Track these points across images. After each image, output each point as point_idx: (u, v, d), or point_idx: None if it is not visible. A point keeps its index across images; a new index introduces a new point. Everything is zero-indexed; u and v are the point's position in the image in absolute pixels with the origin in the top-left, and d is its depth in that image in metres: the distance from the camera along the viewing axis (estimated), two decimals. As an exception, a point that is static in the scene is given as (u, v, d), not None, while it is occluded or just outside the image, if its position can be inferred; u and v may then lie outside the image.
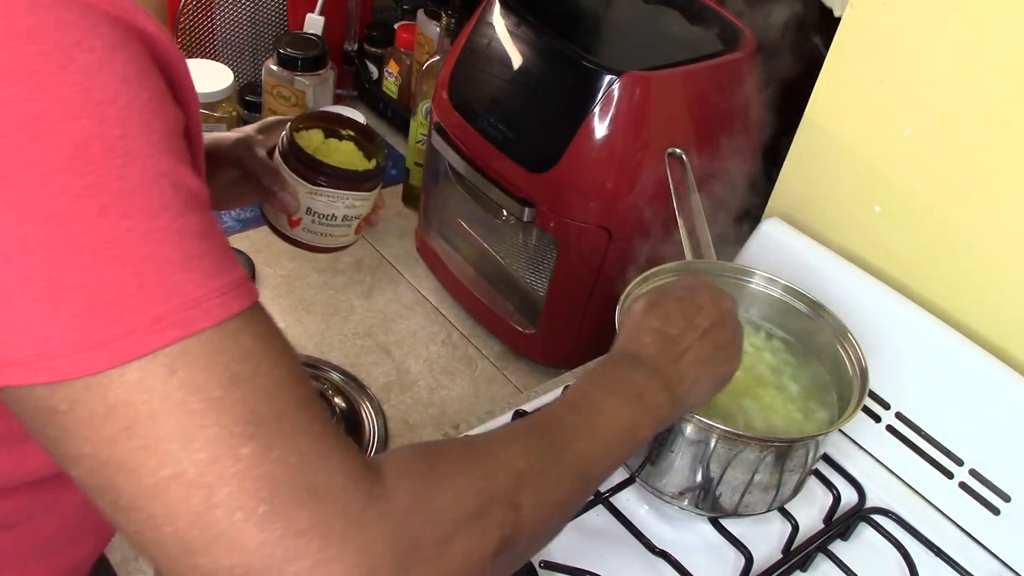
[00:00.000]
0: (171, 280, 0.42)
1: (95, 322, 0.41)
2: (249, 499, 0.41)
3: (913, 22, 0.84)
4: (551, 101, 0.98)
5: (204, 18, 1.36)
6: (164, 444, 0.41)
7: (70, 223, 0.40)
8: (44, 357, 0.41)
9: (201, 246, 0.43)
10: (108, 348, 0.41)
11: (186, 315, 0.42)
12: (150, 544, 0.43)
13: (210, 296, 0.43)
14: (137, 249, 0.41)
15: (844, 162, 0.93)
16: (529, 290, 1.13)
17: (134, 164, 0.42)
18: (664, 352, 0.68)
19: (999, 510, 0.84)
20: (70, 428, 0.42)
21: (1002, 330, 0.86)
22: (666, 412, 0.66)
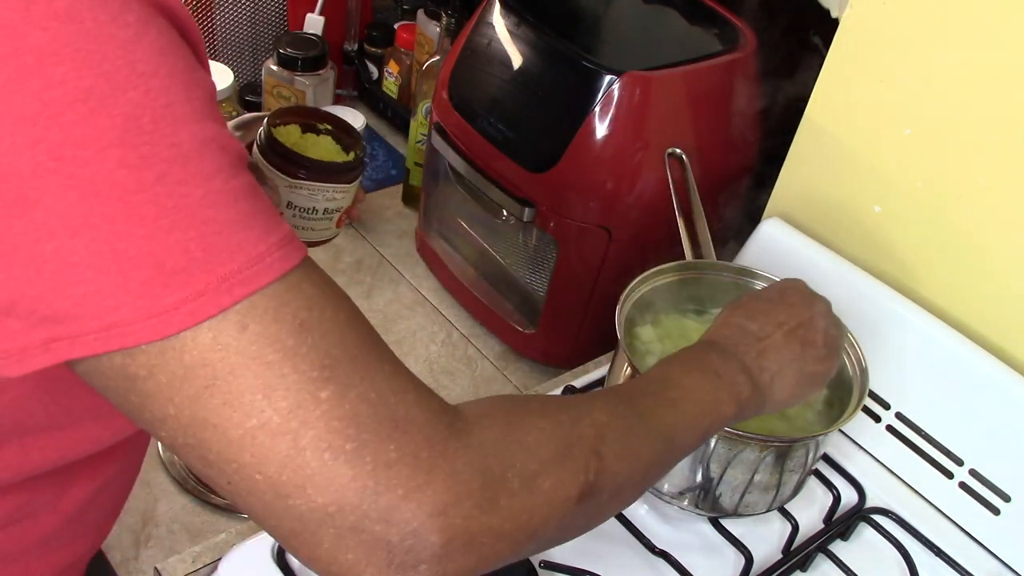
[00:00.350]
0: (232, 240, 0.43)
1: (164, 287, 0.42)
2: (336, 438, 0.43)
3: (913, 22, 0.84)
4: (551, 101, 0.98)
5: (204, 18, 1.36)
6: (246, 396, 0.42)
7: (130, 194, 0.41)
8: (117, 325, 0.42)
9: (254, 204, 0.45)
10: (180, 311, 0.42)
11: (250, 272, 0.43)
12: (243, 493, 0.44)
13: (270, 251, 0.44)
14: (196, 213, 0.42)
15: (844, 162, 0.93)
16: (529, 290, 1.13)
17: (183, 131, 0.43)
18: (743, 343, 0.69)
19: (999, 510, 0.84)
20: (152, 392, 0.43)
21: (1002, 330, 0.86)
22: (747, 395, 0.66)
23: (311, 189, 0.79)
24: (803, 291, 0.75)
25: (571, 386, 0.90)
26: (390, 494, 0.43)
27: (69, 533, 0.64)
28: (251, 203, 0.45)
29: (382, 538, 0.44)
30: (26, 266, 0.41)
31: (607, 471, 0.52)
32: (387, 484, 0.43)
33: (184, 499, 0.91)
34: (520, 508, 0.47)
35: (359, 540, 0.44)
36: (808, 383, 0.71)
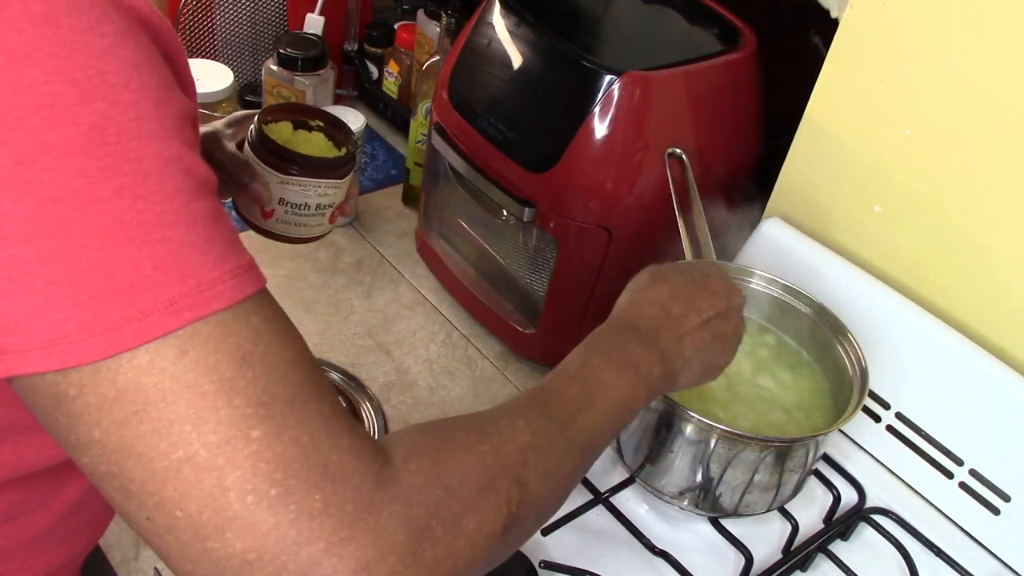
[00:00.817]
0: (186, 263, 0.42)
1: (112, 303, 0.41)
2: (261, 481, 0.41)
3: (913, 22, 0.84)
4: (551, 101, 0.98)
5: (204, 18, 1.36)
6: (176, 426, 0.41)
7: (87, 204, 0.41)
8: (59, 342, 0.41)
9: (213, 230, 0.44)
10: (124, 330, 0.41)
11: (200, 297, 0.42)
12: (161, 531, 0.43)
13: (223, 279, 0.43)
14: (152, 231, 0.42)
15: (844, 162, 0.93)
16: (529, 290, 1.12)
17: (147, 147, 0.42)
18: (664, 328, 0.68)
19: (999, 510, 0.84)
20: (80, 414, 0.42)
21: (1002, 330, 0.86)
22: (658, 386, 0.66)
23: (303, 185, 0.79)
24: (725, 280, 0.75)
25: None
26: (311, 547, 0.42)
27: (64, 531, 0.64)
28: (210, 228, 0.44)
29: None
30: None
31: (529, 497, 0.52)
32: (309, 536, 0.42)
33: (184, 499, 0.91)
34: (444, 555, 0.46)
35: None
36: (708, 373, 0.72)
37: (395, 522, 0.44)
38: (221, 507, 0.41)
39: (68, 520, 0.64)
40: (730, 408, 0.82)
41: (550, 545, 0.78)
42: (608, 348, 0.66)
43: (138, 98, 0.42)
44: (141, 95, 0.43)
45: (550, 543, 0.78)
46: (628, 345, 0.66)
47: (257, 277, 0.45)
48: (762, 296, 0.90)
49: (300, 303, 1.16)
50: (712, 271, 0.75)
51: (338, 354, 1.09)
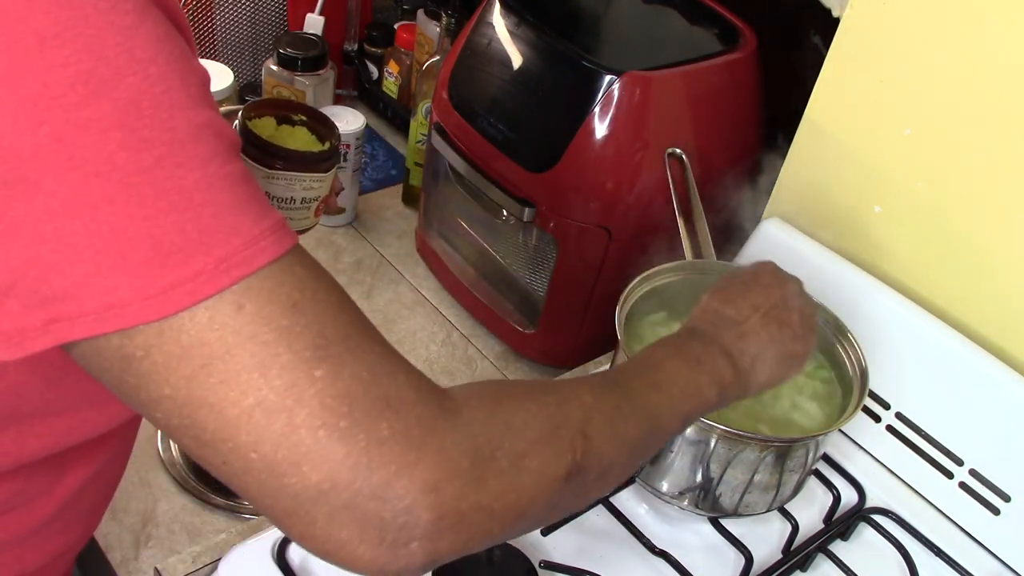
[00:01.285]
0: (228, 223, 0.44)
1: (162, 268, 0.42)
2: (329, 416, 0.43)
3: (913, 22, 0.84)
4: (551, 101, 0.98)
5: (204, 18, 1.36)
6: (243, 375, 0.43)
7: (130, 176, 0.42)
8: (115, 306, 0.42)
9: (248, 190, 0.46)
10: (177, 292, 0.42)
11: (246, 254, 0.44)
12: (239, 473, 0.45)
13: (264, 235, 0.45)
14: (193, 196, 0.43)
15: (844, 162, 0.93)
16: (529, 290, 1.13)
17: (180, 116, 0.44)
18: (723, 328, 0.69)
19: (999, 510, 0.84)
20: (148, 373, 0.44)
21: (1002, 330, 0.86)
22: (729, 379, 0.67)
23: (288, 179, 0.80)
24: (775, 272, 0.75)
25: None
26: (383, 471, 0.44)
27: (63, 521, 0.65)
28: (245, 189, 0.45)
29: (375, 515, 0.44)
30: (26, 247, 0.42)
31: (594, 451, 0.53)
32: (380, 461, 0.44)
33: (184, 499, 0.91)
34: (508, 487, 0.48)
35: (352, 518, 0.44)
36: (788, 363, 0.72)
37: (459, 448, 0.46)
38: (294, 444, 0.43)
39: (66, 510, 0.64)
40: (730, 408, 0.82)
41: (550, 545, 0.78)
42: (668, 346, 0.68)
43: (165, 70, 0.44)
44: (167, 67, 0.44)
45: (550, 543, 0.78)
46: (688, 343, 0.68)
47: (291, 232, 0.47)
48: (762, 296, 0.90)
49: (300, 303, 1.15)
50: (760, 267, 0.76)
51: (338, 354, 1.08)
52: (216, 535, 0.76)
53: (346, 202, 1.27)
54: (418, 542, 0.45)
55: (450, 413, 0.47)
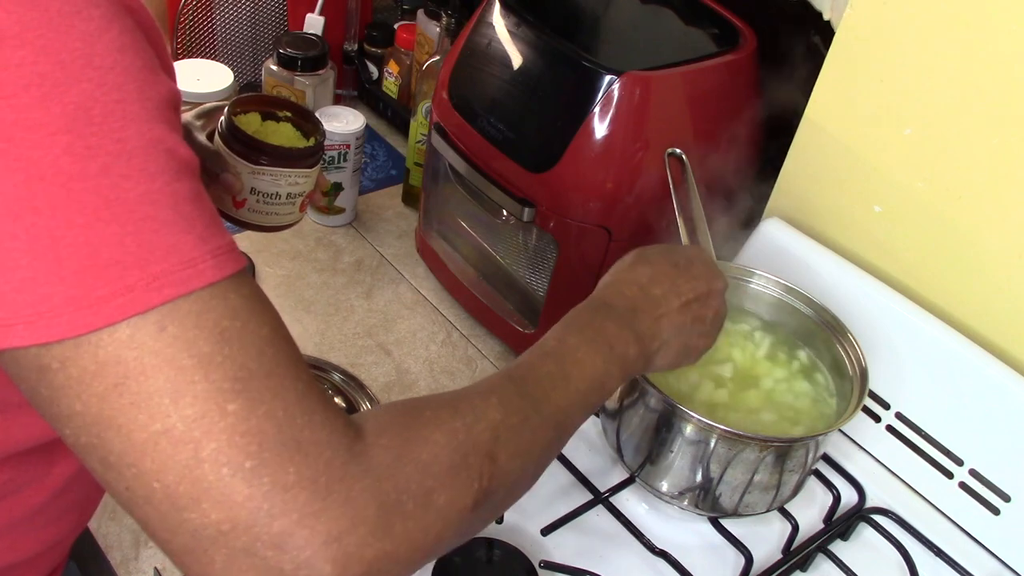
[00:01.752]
0: (168, 240, 0.43)
1: (96, 279, 0.42)
2: (236, 454, 0.42)
3: (913, 22, 0.84)
4: (551, 101, 0.97)
5: (204, 18, 1.36)
6: (154, 399, 0.42)
7: (73, 182, 0.42)
8: (44, 315, 0.41)
9: (195, 210, 0.45)
10: (108, 305, 0.42)
11: (182, 275, 0.43)
12: (140, 501, 0.44)
13: (204, 258, 0.44)
14: (136, 208, 0.43)
15: (844, 162, 0.93)
16: (529, 290, 1.12)
17: (131, 127, 0.43)
18: (642, 309, 0.69)
19: (999, 510, 0.84)
20: (61, 386, 0.43)
21: (1002, 330, 0.86)
22: (633, 366, 0.67)
23: (273, 175, 0.80)
24: (708, 265, 0.75)
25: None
26: (284, 518, 0.43)
27: (55, 509, 0.65)
28: (192, 208, 0.45)
29: (274, 566, 0.43)
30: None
31: (501, 472, 0.52)
32: (282, 508, 0.43)
33: (184, 499, 0.91)
34: (415, 529, 0.47)
35: (251, 564, 0.43)
36: (687, 356, 0.72)
37: (366, 495, 0.45)
38: (197, 478, 0.42)
39: (58, 499, 0.65)
40: (730, 407, 0.82)
41: (550, 545, 0.78)
42: (584, 326, 0.67)
43: (123, 80, 0.43)
44: (126, 78, 0.44)
45: (550, 543, 0.78)
46: (604, 324, 0.66)
47: (237, 258, 0.46)
48: (762, 296, 0.90)
49: (300, 303, 1.16)
50: (696, 255, 0.75)
51: (338, 354, 1.09)
52: (216, 535, 0.76)
53: (346, 202, 1.27)
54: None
55: (359, 457, 0.46)
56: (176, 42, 1.36)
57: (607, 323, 0.67)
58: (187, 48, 1.37)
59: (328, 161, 1.22)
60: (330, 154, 1.21)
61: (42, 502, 0.63)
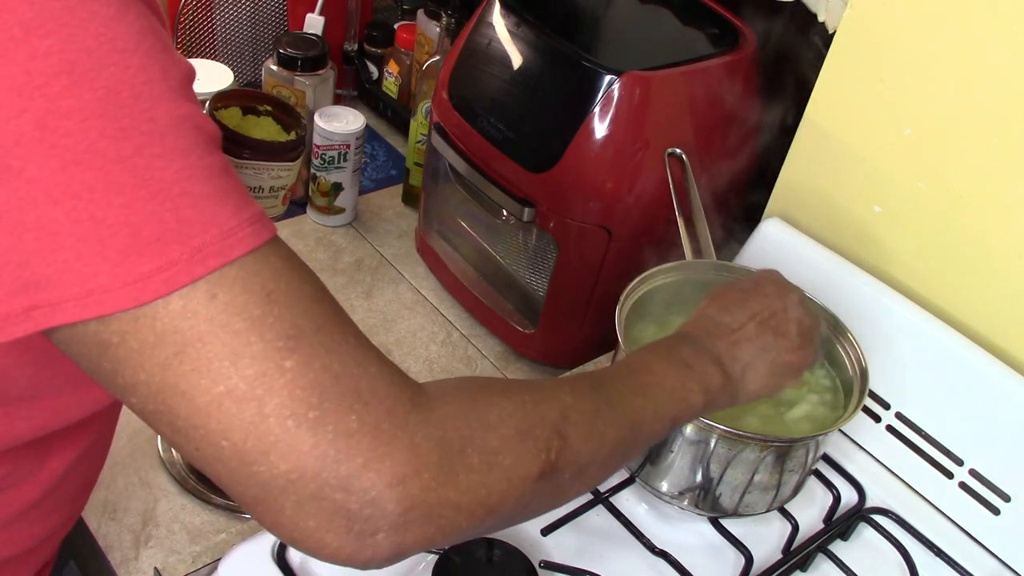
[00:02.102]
0: (206, 213, 0.45)
1: (140, 256, 0.43)
2: (299, 406, 0.44)
3: (913, 22, 0.84)
4: (551, 101, 0.98)
5: (204, 18, 1.36)
6: (214, 363, 0.44)
7: (110, 164, 0.43)
8: (94, 292, 0.43)
9: (228, 182, 0.46)
10: (154, 279, 0.43)
11: (222, 245, 0.45)
12: (210, 460, 0.45)
13: (241, 226, 0.45)
14: (172, 186, 0.44)
15: (844, 162, 0.93)
16: (529, 290, 1.13)
17: (160, 108, 0.45)
18: (716, 335, 0.70)
19: (999, 510, 0.84)
20: (123, 359, 0.44)
21: (1002, 330, 0.86)
22: (718, 385, 0.67)
23: (256, 168, 0.81)
24: (777, 281, 0.76)
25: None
26: (350, 463, 0.45)
27: (48, 504, 0.66)
28: (224, 180, 0.46)
29: (342, 506, 0.45)
30: (9, 234, 0.43)
31: (569, 451, 0.53)
32: (347, 453, 0.45)
33: (184, 499, 0.91)
34: (478, 483, 0.48)
35: (319, 507, 0.45)
36: (782, 373, 0.72)
37: (429, 442, 0.47)
38: (263, 433, 0.44)
39: (52, 493, 0.65)
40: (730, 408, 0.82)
41: (550, 545, 0.78)
42: (658, 349, 0.68)
43: (146, 62, 0.45)
44: (148, 59, 0.45)
45: (550, 543, 0.78)
46: (678, 347, 0.68)
47: (270, 224, 0.47)
48: (762, 296, 0.90)
49: (300, 303, 1.15)
50: (763, 276, 0.76)
51: (338, 354, 1.09)
52: (216, 535, 0.76)
53: (346, 202, 1.27)
54: (384, 533, 0.46)
55: (422, 407, 0.48)
56: (176, 42, 1.36)
57: (681, 346, 0.68)
58: (187, 48, 1.37)
59: (328, 161, 1.22)
60: (330, 154, 1.21)
61: (36, 497, 0.64)
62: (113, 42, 0.44)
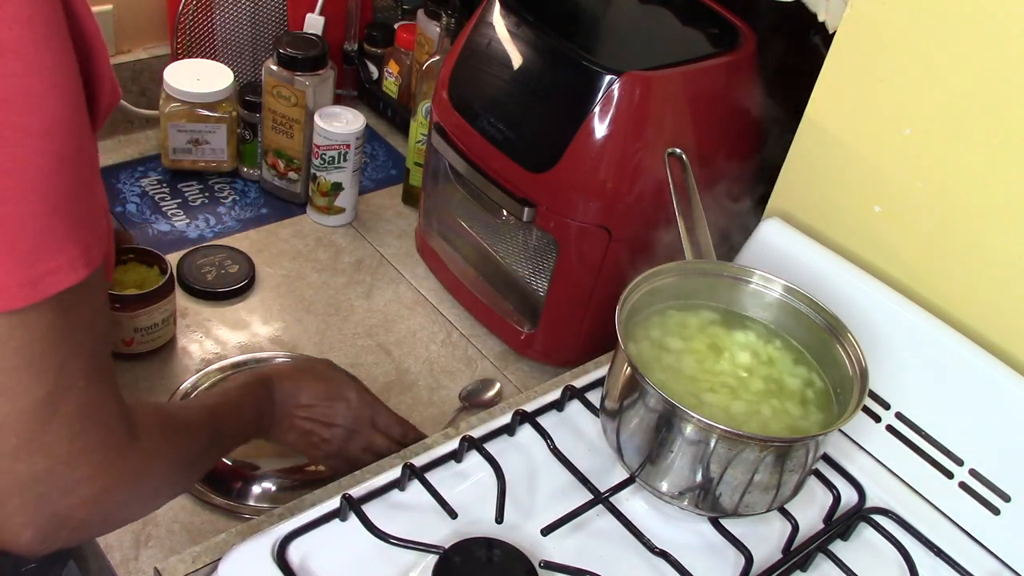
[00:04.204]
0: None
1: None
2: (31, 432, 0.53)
3: (913, 22, 0.84)
4: (551, 101, 0.98)
5: (204, 18, 1.36)
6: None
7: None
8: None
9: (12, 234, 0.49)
10: None
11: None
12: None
13: (11, 287, 0.49)
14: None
15: (844, 162, 0.93)
16: (529, 290, 1.13)
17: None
18: (291, 407, 0.88)
19: (999, 510, 0.84)
20: None
21: (1002, 330, 0.86)
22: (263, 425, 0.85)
23: (148, 313, 0.99)
24: (360, 409, 0.91)
25: (571, 386, 0.91)
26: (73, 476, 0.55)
27: None
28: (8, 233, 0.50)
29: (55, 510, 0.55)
30: None
31: None
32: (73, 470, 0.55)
33: (184, 499, 0.91)
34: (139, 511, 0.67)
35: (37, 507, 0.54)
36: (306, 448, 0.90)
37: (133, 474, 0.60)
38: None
39: None
40: (730, 407, 0.82)
41: (550, 545, 0.78)
42: (253, 389, 0.85)
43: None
44: None
45: (550, 543, 0.78)
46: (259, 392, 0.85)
47: (53, 286, 0.51)
48: (762, 296, 0.90)
49: (300, 303, 1.16)
50: (355, 395, 0.92)
51: (338, 354, 1.09)
52: (216, 535, 0.76)
53: (346, 202, 1.27)
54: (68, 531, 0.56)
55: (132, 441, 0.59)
56: (176, 42, 1.36)
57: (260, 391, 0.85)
58: (187, 48, 1.37)
59: (328, 161, 1.22)
60: (330, 154, 1.21)
61: None
62: None
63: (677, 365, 0.84)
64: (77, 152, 0.50)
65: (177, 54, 1.36)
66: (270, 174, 1.31)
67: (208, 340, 1.09)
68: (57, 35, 0.48)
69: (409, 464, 0.79)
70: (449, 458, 0.82)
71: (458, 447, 0.82)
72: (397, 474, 0.79)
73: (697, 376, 0.84)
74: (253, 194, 1.32)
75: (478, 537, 0.74)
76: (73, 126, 0.50)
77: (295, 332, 1.11)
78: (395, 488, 0.79)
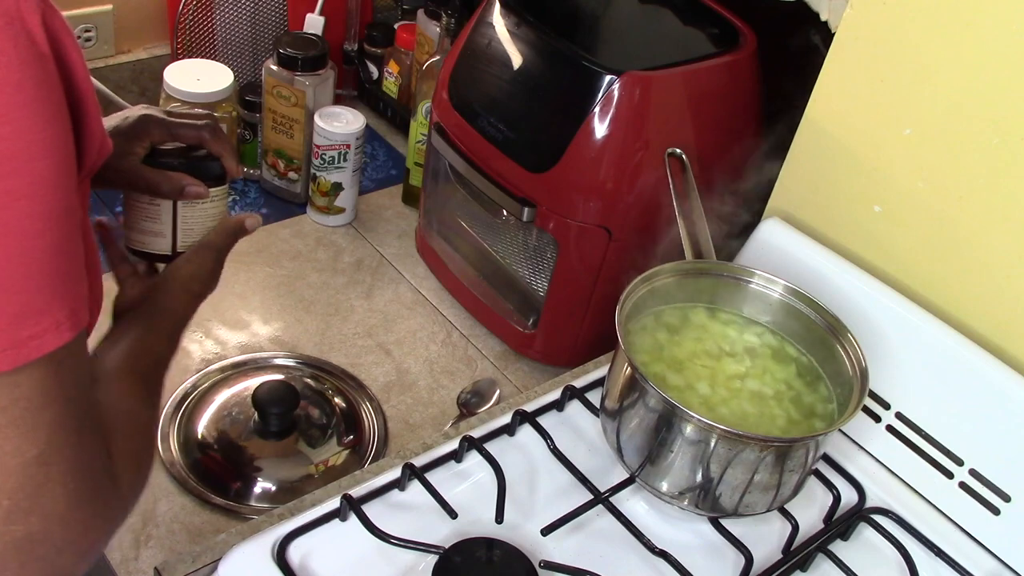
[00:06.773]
0: None
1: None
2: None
3: (913, 22, 0.84)
4: (551, 101, 0.98)
5: (204, 18, 1.36)
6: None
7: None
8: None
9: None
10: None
11: None
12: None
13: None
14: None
15: (844, 162, 0.93)
16: (529, 290, 1.13)
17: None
18: None
19: (999, 510, 0.84)
20: None
21: (1002, 330, 0.86)
22: None
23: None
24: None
25: (571, 386, 0.91)
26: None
27: None
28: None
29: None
30: None
31: None
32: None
33: (184, 499, 0.91)
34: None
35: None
36: None
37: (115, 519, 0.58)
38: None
39: None
40: (730, 407, 0.82)
41: (550, 545, 0.78)
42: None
43: None
44: None
45: (550, 543, 0.78)
46: None
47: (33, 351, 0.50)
48: (762, 296, 0.90)
49: (300, 303, 1.16)
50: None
51: (338, 354, 1.09)
52: (216, 535, 0.76)
53: (346, 202, 1.27)
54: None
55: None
56: (176, 42, 1.36)
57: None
58: (187, 48, 1.37)
59: (328, 161, 1.22)
60: (330, 154, 1.21)
61: None
62: None
63: (677, 365, 0.84)
64: (64, 212, 0.50)
65: (177, 54, 1.36)
66: (270, 174, 1.31)
67: (208, 340, 1.09)
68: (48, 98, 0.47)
69: (409, 464, 0.79)
70: (449, 458, 0.82)
71: (458, 447, 0.82)
72: (397, 474, 0.79)
73: (697, 376, 0.84)
74: (253, 194, 1.32)
75: (478, 537, 0.74)
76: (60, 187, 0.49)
77: (295, 332, 1.11)
78: (395, 488, 0.79)
